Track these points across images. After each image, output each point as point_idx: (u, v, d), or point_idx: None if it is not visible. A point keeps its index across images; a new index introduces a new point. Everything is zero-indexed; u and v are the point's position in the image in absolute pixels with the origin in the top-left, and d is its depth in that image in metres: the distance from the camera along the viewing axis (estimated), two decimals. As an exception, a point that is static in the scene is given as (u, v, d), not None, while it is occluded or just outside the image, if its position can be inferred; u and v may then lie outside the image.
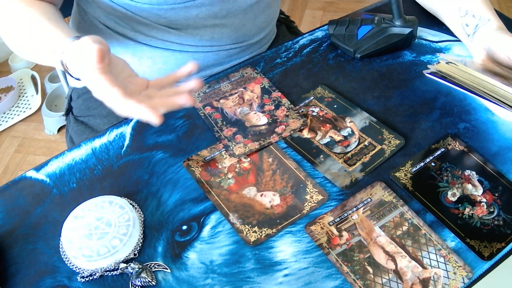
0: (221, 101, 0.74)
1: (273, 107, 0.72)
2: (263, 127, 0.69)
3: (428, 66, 0.71)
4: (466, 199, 0.60)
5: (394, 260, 0.54)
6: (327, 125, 0.69)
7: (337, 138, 0.68)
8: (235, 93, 0.75)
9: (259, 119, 0.70)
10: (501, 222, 0.57)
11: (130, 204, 0.60)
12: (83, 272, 0.54)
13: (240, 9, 0.81)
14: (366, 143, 0.67)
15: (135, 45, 0.81)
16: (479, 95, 0.64)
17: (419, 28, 0.82)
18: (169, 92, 0.54)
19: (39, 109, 1.91)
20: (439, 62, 0.70)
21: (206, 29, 0.81)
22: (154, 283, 0.54)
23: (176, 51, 0.82)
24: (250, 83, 0.76)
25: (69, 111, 0.95)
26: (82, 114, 0.90)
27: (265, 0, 0.85)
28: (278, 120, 0.70)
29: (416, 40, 0.83)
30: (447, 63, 0.69)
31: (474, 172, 0.62)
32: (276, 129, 0.69)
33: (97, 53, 0.50)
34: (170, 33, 0.80)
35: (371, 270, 0.53)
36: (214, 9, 0.79)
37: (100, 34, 0.80)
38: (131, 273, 0.54)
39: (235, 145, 0.67)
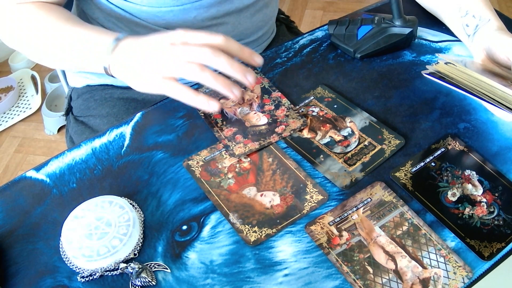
0: (221, 101, 0.74)
1: (273, 107, 0.72)
2: (263, 127, 0.69)
3: (427, 66, 0.71)
4: (466, 199, 0.60)
5: (394, 260, 0.54)
6: (327, 125, 0.69)
7: (337, 138, 0.68)
8: (235, 93, 0.75)
9: (259, 119, 0.70)
10: (501, 222, 0.57)
11: (130, 204, 0.60)
12: (83, 272, 0.54)
13: (237, 9, 0.82)
14: (366, 143, 0.67)
15: None
16: (477, 96, 0.64)
17: (419, 28, 0.82)
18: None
19: (39, 109, 1.91)
20: (438, 63, 0.70)
21: (203, 30, 0.81)
22: (154, 283, 0.54)
23: None
24: (250, 83, 0.76)
25: (69, 111, 0.95)
26: (82, 114, 0.90)
27: None
28: (278, 120, 0.70)
29: (416, 40, 0.83)
30: (446, 63, 0.69)
31: (474, 172, 0.62)
32: (276, 129, 0.69)
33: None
34: None
35: (371, 270, 0.53)
36: (212, 11, 0.79)
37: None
38: (131, 273, 0.54)
39: (235, 145, 0.67)
